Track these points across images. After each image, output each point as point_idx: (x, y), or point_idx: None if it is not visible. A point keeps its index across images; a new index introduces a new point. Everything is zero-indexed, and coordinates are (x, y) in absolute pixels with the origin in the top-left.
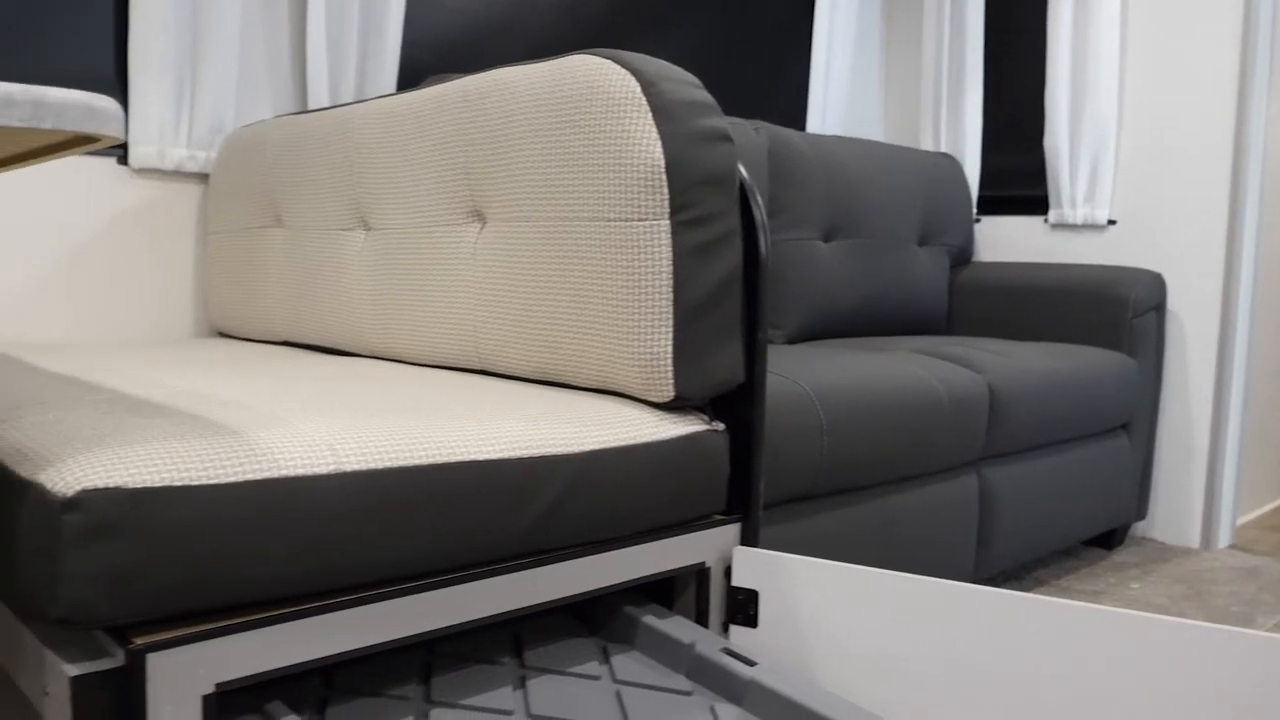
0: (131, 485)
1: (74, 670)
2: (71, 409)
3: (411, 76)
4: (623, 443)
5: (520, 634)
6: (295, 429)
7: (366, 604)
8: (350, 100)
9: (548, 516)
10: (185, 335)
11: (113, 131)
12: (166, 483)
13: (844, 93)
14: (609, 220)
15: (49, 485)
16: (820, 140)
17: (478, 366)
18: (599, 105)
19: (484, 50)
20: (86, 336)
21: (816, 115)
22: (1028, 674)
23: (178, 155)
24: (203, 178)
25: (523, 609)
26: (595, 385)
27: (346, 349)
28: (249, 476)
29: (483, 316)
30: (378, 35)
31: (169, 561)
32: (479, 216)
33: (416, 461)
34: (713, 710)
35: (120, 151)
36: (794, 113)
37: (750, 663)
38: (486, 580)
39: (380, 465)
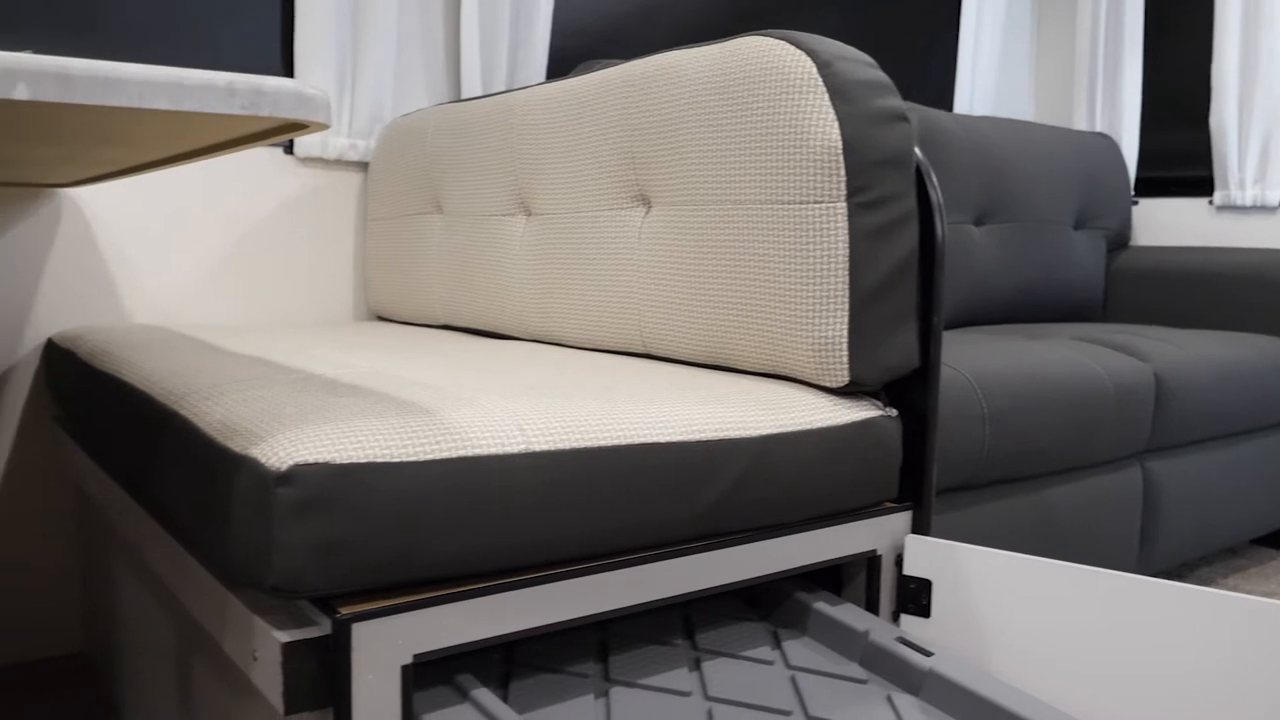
0: (339, 461)
1: (285, 637)
2: (268, 387)
3: (559, 64)
4: (798, 427)
5: (690, 616)
6: (484, 409)
7: (552, 582)
8: (502, 89)
9: (724, 500)
10: (344, 318)
11: (322, 119)
12: (371, 459)
13: (993, 71)
14: (782, 203)
15: (262, 460)
16: (969, 121)
17: (642, 350)
18: (773, 87)
19: (630, 36)
20: (254, 319)
21: (964, 95)
22: (1217, 673)
23: (339, 144)
24: (362, 166)
25: (698, 592)
26: (765, 370)
27: (505, 332)
28: (445, 455)
29: (648, 300)
30: (528, 24)
31: (372, 535)
32: (644, 201)
33: (601, 443)
34: (889, 700)
35: (286, 141)
36: (941, 93)
37: (926, 653)
38: (665, 562)
39: (567, 446)
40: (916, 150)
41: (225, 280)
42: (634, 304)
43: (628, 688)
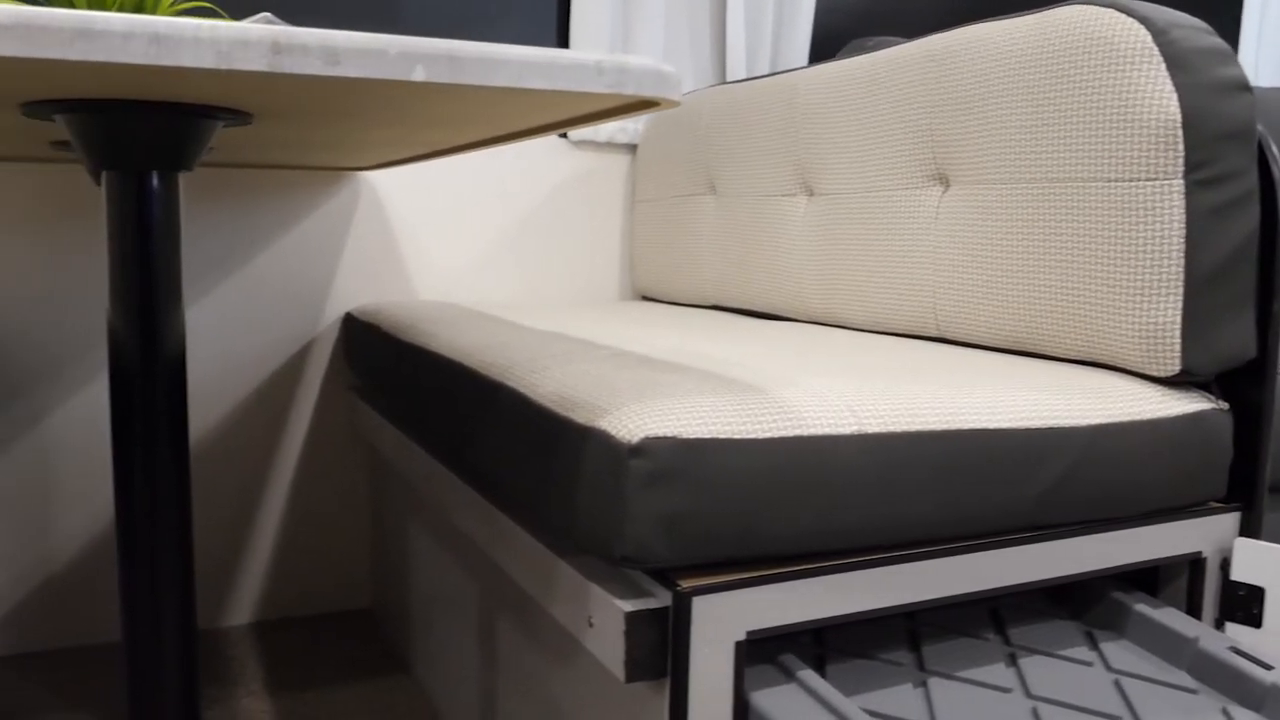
0: (686, 435)
1: (628, 606)
2: (588, 362)
3: (820, 43)
4: (1126, 418)
5: (999, 610)
6: (812, 390)
7: (884, 565)
8: (765, 70)
9: (1050, 493)
10: (610, 298)
11: (675, 96)
12: (714, 435)
13: None
14: (1109, 180)
15: (613, 432)
16: (1261, 93)
17: (934, 334)
18: (1101, 58)
19: (896, 13)
20: (526, 298)
21: (1249, 62)
22: None
23: (609, 127)
24: (630, 149)
25: (1021, 585)
26: (1078, 357)
27: (781, 314)
28: (781, 433)
29: (944, 282)
30: (792, 4)
31: (712, 511)
32: (941, 180)
33: (930, 427)
34: (1225, 713)
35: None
36: None
37: (1267, 666)
38: (992, 552)
39: (897, 429)
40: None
41: (500, 260)
42: (927, 285)
43: (945, 679)
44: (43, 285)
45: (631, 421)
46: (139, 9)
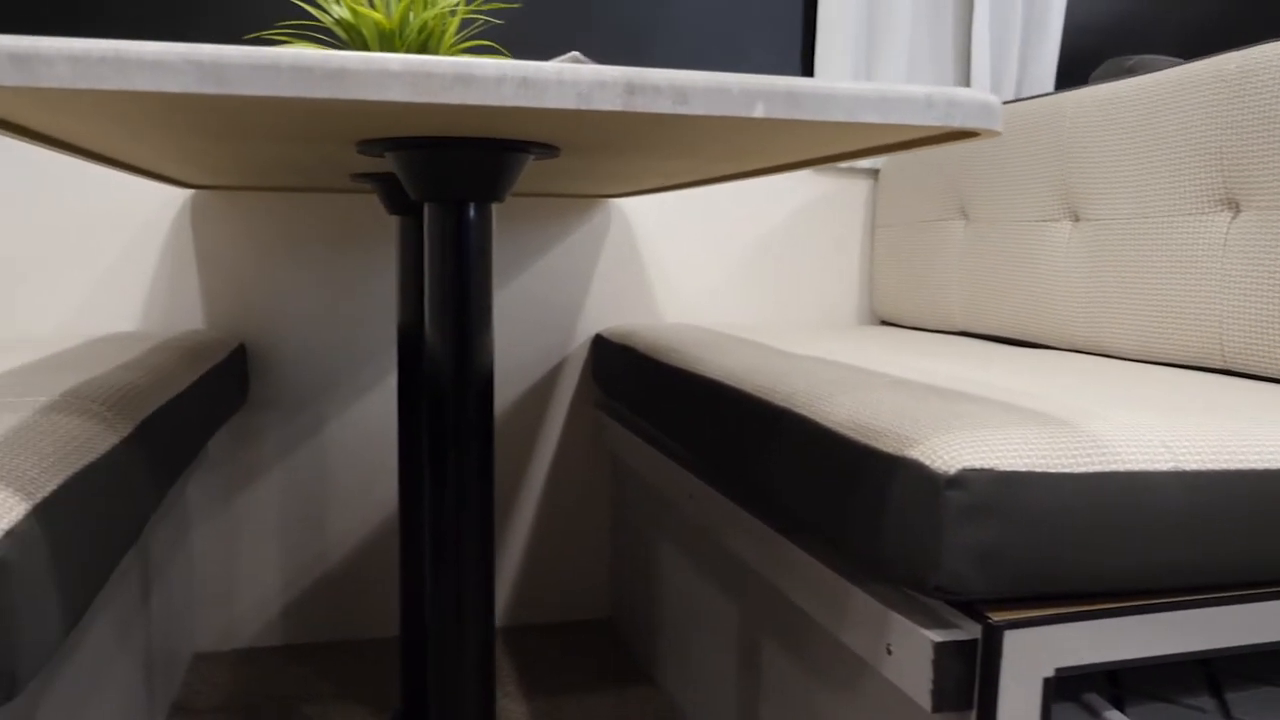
0: (1001, 468)
1: (937, 637)
2: (874, 390)
3: (1065, 63)
4: None
5: None
6: (1122, 424)
7: (1190, 609)
8: (1010, 95)
9: None
10: (849, 322)
11: (998, 127)
12: (1029, 468)
13: None
14: None
15: (928, 462)
16: None
17: (1219, 365)
18: None
19: (1147, 30)
20: (765, 320)
21: None
22: None
23: None
24: (872, 173)
25: None
26: None
27: (1040, 341)
28: (1096, 468)
29: (1232, 311)
30: (1039, 26)
31: (1026, 544)
32: (1230, 204)
33: (1249, 465)
34: None
35: None
36: None
37: None
38: None
39: (1215, 467)
40: None
41: (740, 283)
42: (1214, 314)
43: None
44: (330, 305)
45: (946, 452)
46: (424, 49)
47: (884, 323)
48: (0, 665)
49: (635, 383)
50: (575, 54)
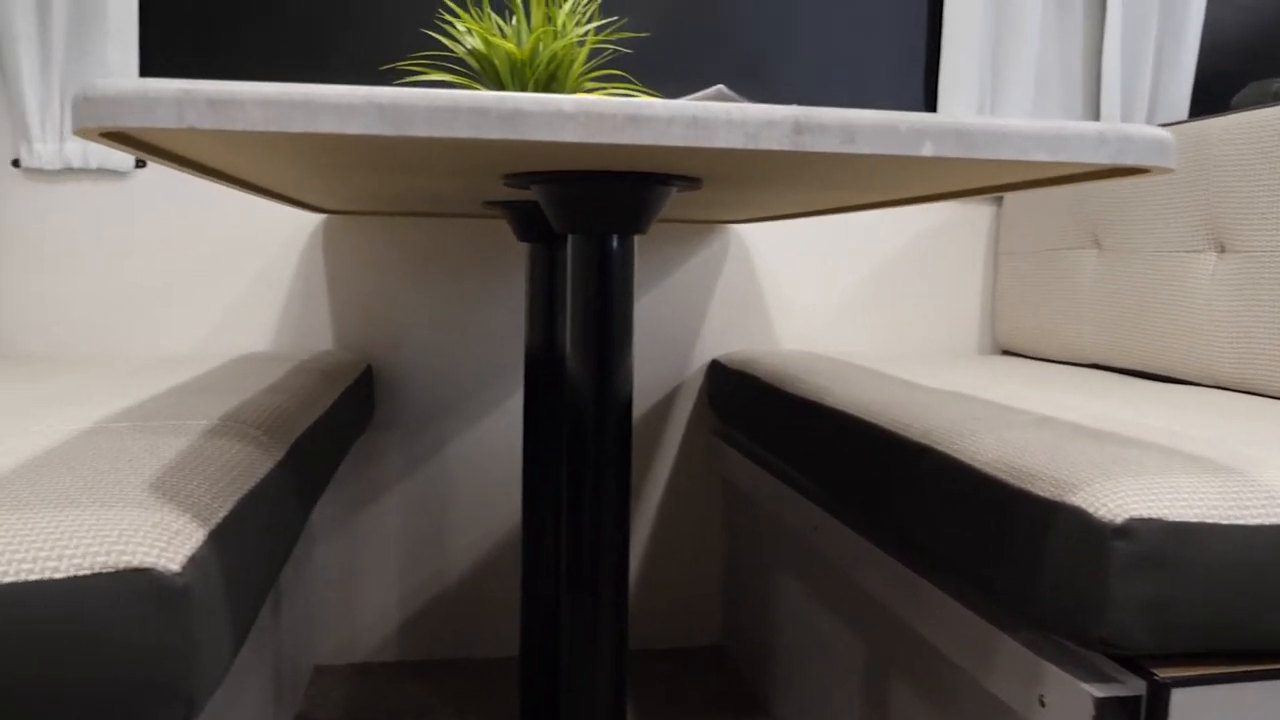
0: (1170, 518)
1: (1098, 692)
2: (1021, 429)
3: (1202, 87)
4: None
5: None
6: None
7: None
8: (1142, 119)
9: None
10: (970, 351)
11: (1171, 165)
12: (1200, 519)
13: None
14: None
15: (1092, 510)
16: None
17: None
18: None
19: (1271, 51)
20: (884, 349)
21: None
22: None
23: None
24: (996, 200)
25: None
26: None
27: (1181, 376)
28: (1270, 520)
29: None
30: (1174, 47)
31: (1195, 599)
32: None
33: None
34: None
35: None
36: None
37: None
38: None
39: None
40: None
41: (858, 309)
42: None
43: None
44: (454, 328)
45: (1112, 500)
46: (553, 79)
47: (1005, 352)
48: (180, 690)
49: (755, 410)
50: (720, 87)
